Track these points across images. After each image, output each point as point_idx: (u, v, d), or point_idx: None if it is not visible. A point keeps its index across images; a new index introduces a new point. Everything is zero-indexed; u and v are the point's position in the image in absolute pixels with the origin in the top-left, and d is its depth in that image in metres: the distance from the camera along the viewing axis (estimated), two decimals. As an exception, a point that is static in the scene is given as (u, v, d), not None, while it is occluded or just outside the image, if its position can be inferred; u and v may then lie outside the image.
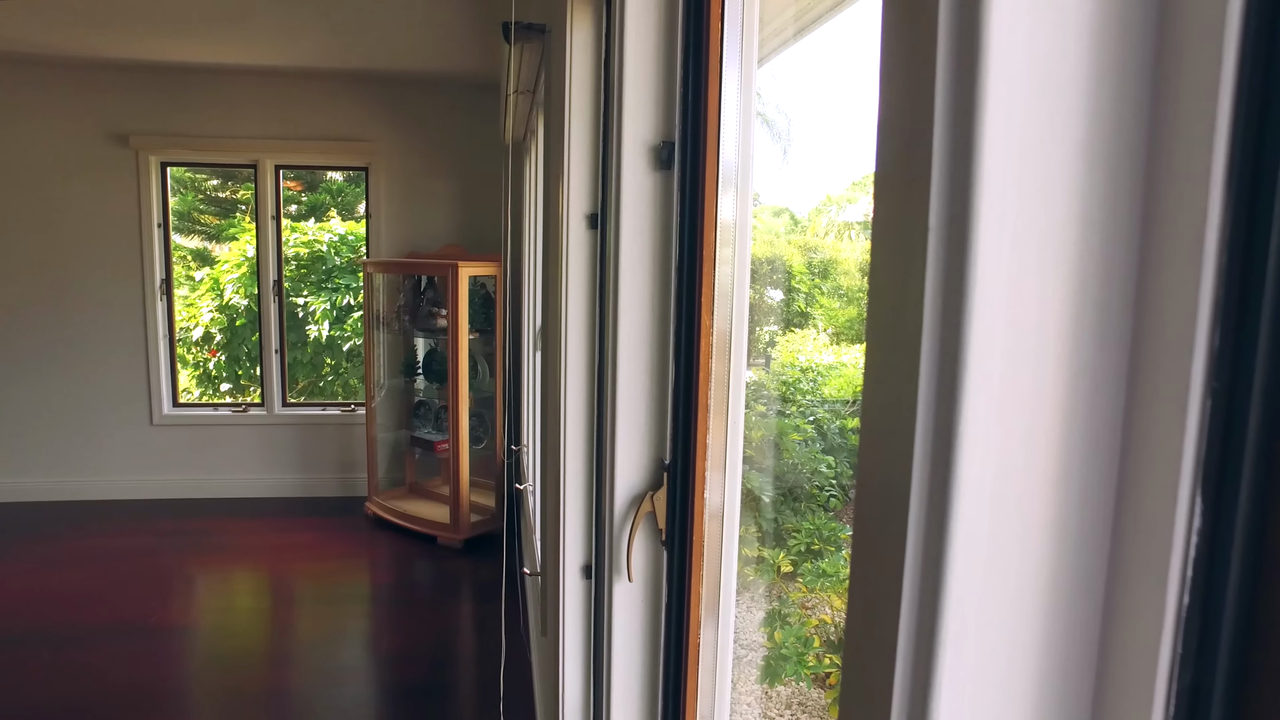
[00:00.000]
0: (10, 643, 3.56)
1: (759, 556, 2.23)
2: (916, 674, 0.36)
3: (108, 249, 5.28)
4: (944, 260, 0.34)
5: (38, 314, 5.28)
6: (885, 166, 0.40)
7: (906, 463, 0.36)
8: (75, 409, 5.38)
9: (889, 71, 0.39)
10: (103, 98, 5.14)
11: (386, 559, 4.63)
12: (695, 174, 1.09)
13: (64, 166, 5.18)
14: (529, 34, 2.20)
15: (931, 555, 0.35)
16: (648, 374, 1.21)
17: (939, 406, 0.35)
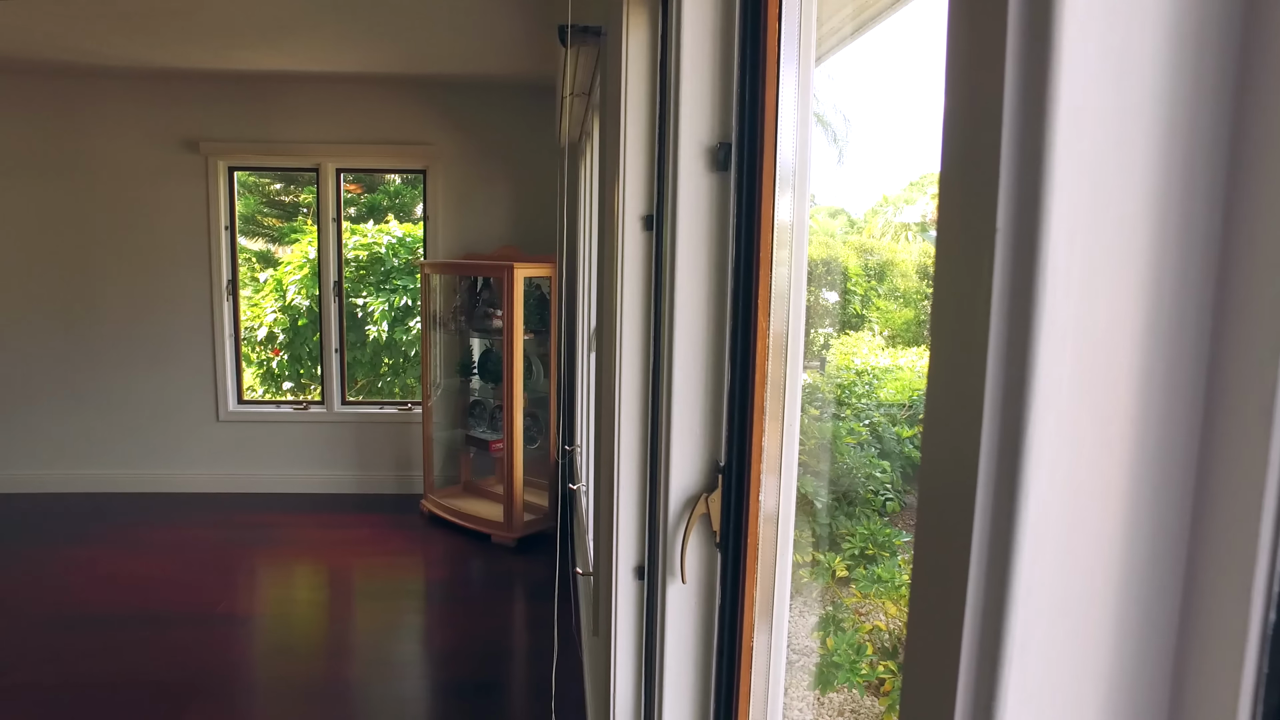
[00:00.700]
0: (98, 622, 3.74)
1: (812, 560, 2.21)
2: (980, 688, 0.35)
3: (179, 251, 5.47)
4: (1011, 262, 0.33)
5: (118, 312, 5.50)
6: (950, 166, 0.39)
7: (971, 471, 0.35)
8: (150, 404, 5.59)
9: (955, 68, 0.38)
10: (176, 106, 5.33)
11: (441, 556, 4.70)
12: (752, 175, 1.08)
13: (141, 172, 5.39)
14: (585, 37, 2.21)
15: (997, 567, 0.34)
16: (703, 376, 1.20)
17: (1005, 414, 0.34)
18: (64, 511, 5.28)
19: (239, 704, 3.23)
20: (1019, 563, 0.33)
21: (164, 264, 5.48)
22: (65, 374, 5.55)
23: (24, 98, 5.31)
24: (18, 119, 5.34)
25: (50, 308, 5.50)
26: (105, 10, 3.75)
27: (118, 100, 5.32)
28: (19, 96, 5.31)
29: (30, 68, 5.02)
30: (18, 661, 3.42)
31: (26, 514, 5.23)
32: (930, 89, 0.41)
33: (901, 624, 1.97)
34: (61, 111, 5.34)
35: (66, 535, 4.88)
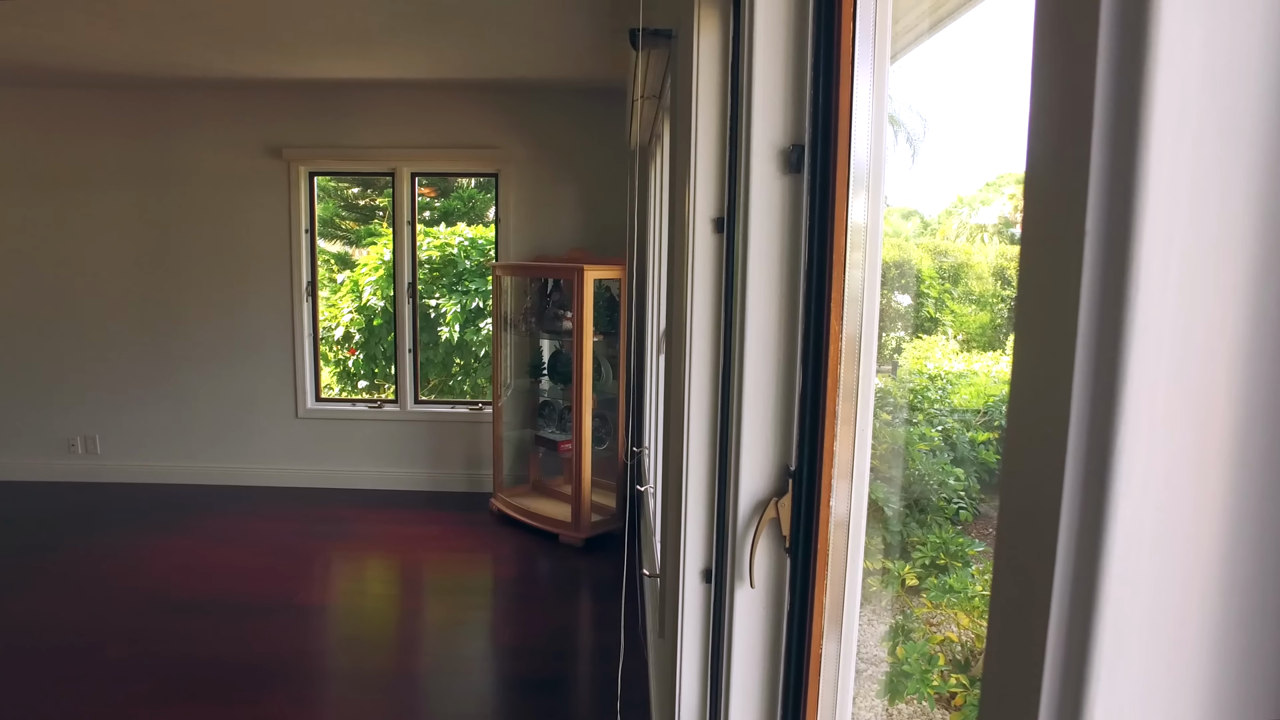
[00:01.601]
0: (183, 607, 3.91)
1: (883, 568, 2.16)
2: (1064, 708, 0.34)
3: (262, 253, 5.68)
4: (1102, 267, 0.32)
5: (205, 312, 5.75)
6: (1037, 167, 0.38)
7: (1057, 482, 0.34)
8: (233, 401, 5.81)
9: (1042, 62, 0.37)
10: (261, 115, 5.54)
11: (509, 554, 4.76)
12: (825, 177, 1.07)
13: (228, 179, 5.62)
14: (655, 40, 2.22)
15: (1083, 582, 0.33)
16: (774, 379, 1.19)
17: (1094, 422, 0.33)
18: (154, 501, 5.53)
19: (314, 691, 3.33)
20: (1108, 577, 0.32)
21: (248, 266, 5.70)
22: (157, 371, 5.82)
23: (120, 111, 5.60)
24: (115, 132, 5.62)
25: (144, 309, 5.78)
26: (196, 26, 3.91)
27: (207, 111, 5.56)
28: (116, 110, 5.59)
29: (126, 83, 5.28)
30: (111, 640, 3.60)
31: (120, 502, 5.50)
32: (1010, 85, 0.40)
33: (975, 636, 1.92)
34: (155, 123, 5.60)
35: (156, 524, 5.11)
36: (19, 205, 5.72)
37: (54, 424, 5.90)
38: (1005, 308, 2.12)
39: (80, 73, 5.02)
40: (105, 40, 4.20)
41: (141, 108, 5.57)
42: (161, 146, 5.62)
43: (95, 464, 5.92)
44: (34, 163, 5.68)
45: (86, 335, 5.82)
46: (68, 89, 5.52)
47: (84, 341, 5.82)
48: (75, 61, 4.71)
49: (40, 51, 4.47)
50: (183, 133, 5.60)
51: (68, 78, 5.18)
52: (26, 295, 5.81)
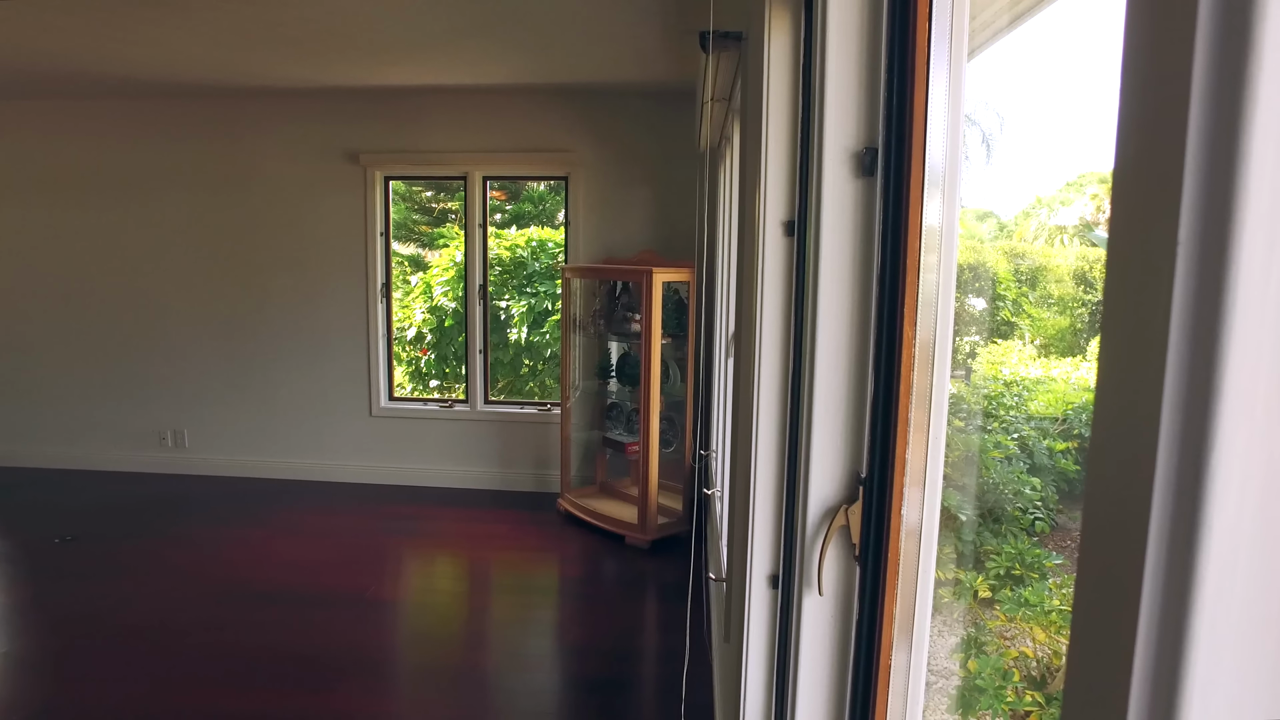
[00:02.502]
0: (258, 598, 4.06)
1: (955, 579, 2.11)
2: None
3: (338, 256, 5.86)
4: (1195, 279, 0.31)
5: (287, 312, 5.96)
6: (1125, 171, 0.37)
7: (1145, 496, 0.33)
8: (309, 399, 6.01)
9: (1133, 61, 0.36)
10: (338, 121, 5.72)
11: (576, 554, 4.80)
12: (899, 179, 1.05)
13: (306, 184, 5.81)
14: (725, 42, 2.21)
15: (1174, 600, 0.32)
16: (845, 384, 1.18)
17: (1186, 434, 0.32)
18: (235, 494, 5.76)
19: (384, 682, 3.42)
20: (1202, 591, 0.31)
21: (325, 268, 5.89)
22: (239, 369, 6.06)
23: (204, 119, 5.84)
24: (199, 138, 5.87)
25: (227, 310, 6.02)
26: (276, 36, 4.06)
27: (286, 118, 5.76)
28: (200, 118, 5.84)
29: (209, 91, 5.51)
30: (190, 627, 3.76)
31: (204, 494, 5.74)
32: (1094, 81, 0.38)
33: (1051, 653, 1.85)
34: (235, 130, 5.84)
35: (236, 516, 5.32)
36: (114, 211, 6.03)
37: (146, 418, 6.20)
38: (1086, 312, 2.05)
39: (167, 83, 5.26)
40: (191, 52, 4.39)
41: (224, 115, 5.81)
42: (244, 152, 5.85)
43: (182, 457, 6.20)
44: (126, 169, 5.98)
45: (176, 335, 6.09)
46: (155, 99, 5.79)
47: (173, 341, 6.10)
48: (163, 73, 4.93)
49: (130, 65, 4.70)
50: (264, 139, 5.82)
51: (155, 88, 5.43)
52: (123, 297, 6.12)
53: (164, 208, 5.98)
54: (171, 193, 5.95)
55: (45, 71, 4.95)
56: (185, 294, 6.05)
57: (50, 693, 3.22)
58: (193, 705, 3.12)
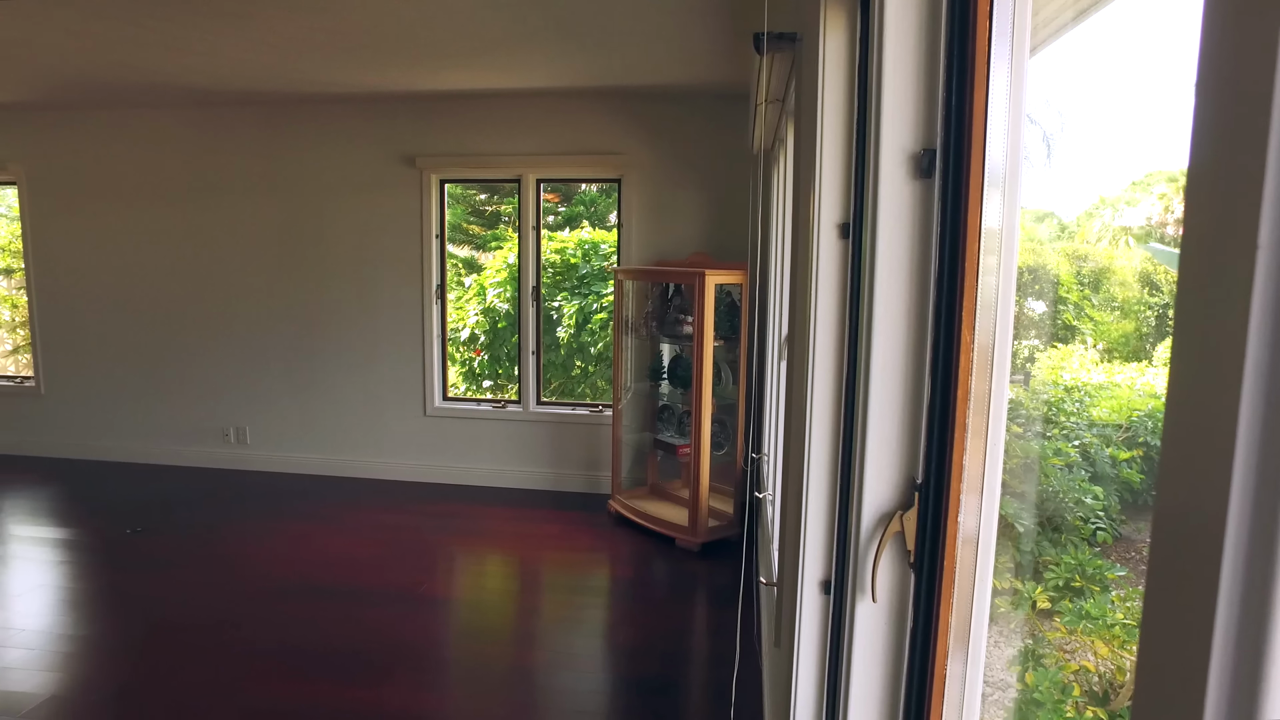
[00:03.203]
0: (313, 592, 4.16)
1: (1012, 588, 2.06)
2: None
3: (395, 258, 5.97)
4: (1277, 283, 0.30)
5: (345, 313, 6.09)
6: (1201, 170, 0.35)
7: (1220, 508, 0.32)
8: (368, 398, 6.14)
9: (1212, 55, 0.34)
10: (396, 125, 5.83)
11: (626, 555, 4.81)
12: (958, 180, 1.03)
13: (367, 185, 5.94)
14: (779, 43, 2.20)
15: (1252, 618, 0.31)
16: (901, 388, 1.16)
17: (1266, 446, 0.30)
18: (294, 490, 5.90)
19: (435, 677, 3.47)
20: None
21: (383, 271, 6.01)
22: (299, 369, 6.21)
23: (267, 125, 6.01)
24: (264, 144, 6.05)
25: (289, 310, 6.18)
26: (339, 44, 4.15)
27: (346, 123, 5.90)
28: (263, 124, 6.01)
29: (271, 98, 5.66)
30: (246, 620, 3.87)
31: (264, 490, 5.89)
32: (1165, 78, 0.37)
33: (1115, 668, 1.80)
34: (298, 135, 5.99)
35: (294, 511, 5.45)
36: (186, 215, 6.24)
37: (211, 415, 6.40)
38: (1152, 315, 1.99)
39: (234, 92, 5.43)
40: (258, 61, 4.52)
41: (288, 121, 5.97)
42: (307, 157, 6.00)
43: (244, 453, 6.38)
44: (197, 175, 6.19)
45: (240, 335, 6.28)
46: (223, 106, 5.98)
47: (238, 340, 6.28)
48: (231, 81, 5.09)
49: (199, 74, 4.86)
50: (325, 144, 5.96)
51: (224, 96, 5.60)
52: (193, 298, 6.33)
53: (232, 211, 6.17)
54: (239, 197, 6.14)
55: (122, 83, 5.14)
56: (250, 295, 6.23)
57: (122, 675, 3.34)
58: (251, 693, 3.21)
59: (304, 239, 6.10)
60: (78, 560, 4.65)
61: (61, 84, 5.27)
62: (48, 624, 3.86)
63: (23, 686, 3.25)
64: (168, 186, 6.25)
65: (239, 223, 6.18)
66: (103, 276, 6.47)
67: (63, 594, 4.22)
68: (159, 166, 6.25)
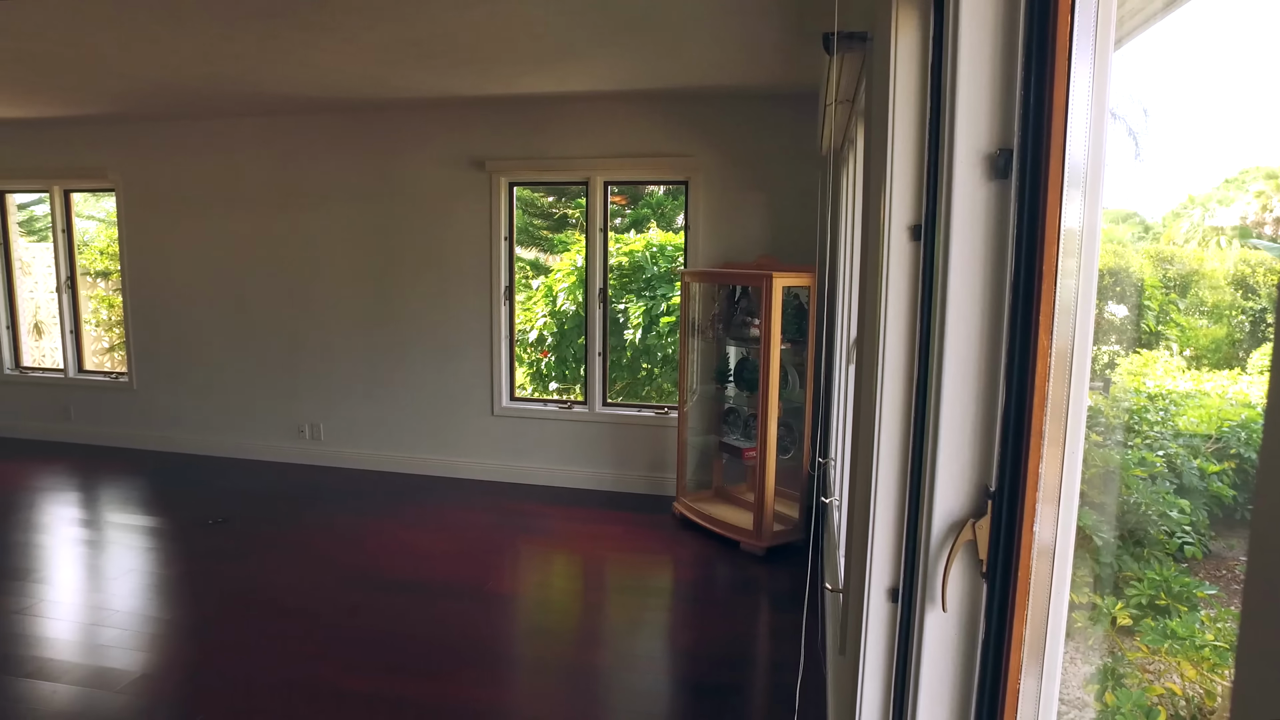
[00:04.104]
0: (387, 586, 4.27)
1: (1090, 603, 1.99)
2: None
3: (465, 260, 6.09)
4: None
5: (416, 314, 6.24)
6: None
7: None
8: (437, 397, 6.27)
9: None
10: (467, 129, 5.94)
11: (690, 558, 4.81)
12: (1035, 181, 1.00)
13: (438, 189, 6.07)
14: (850, 43, 2.17)
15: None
16: (974, 394, 1.13)
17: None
18: (365, 486, 6.07)
19: (500, 672, 3.52)
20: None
21: (453, 272, 6.13)
22: (372, 367, 6.38)
23: (344, 131, 6.20)
24: (342, 150, 6.23)
25: (361, 310, 6.36)
26: (416, 52, 4.26)
27: (419, 127, 6.04)
28: (340, 130, 6.20)
29: (352, 106, 5.83)
30: (320, 609, 4.00)
31: (336, 485, 6.07)
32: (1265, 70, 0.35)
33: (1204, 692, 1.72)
34: (377, 141, 6.16)
35: (365, 507, 5.60)
36: (267, 219, 6.49)
37: (289, 411, 6.63)
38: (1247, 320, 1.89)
39: (316, 100, 5.61)
40: (340, 70, 4.66)
41: (368, 128, 6.14)
42: (385, 162, 6.17)
43: (319, 449, 6.58)
44: (279, 180, 6.42)
45: (318, 334, 6.48)
46: (305, 114, 6.18)
47: (316, 339, 6.49)
48: (313, 91, 5.26)
49: (286, 84, 5.03)
50: (402, 149, 6.11)
51: (306, 104, 5.79)
52: (272, 299, 6.57)
53: (311, 215, 6.38)
54: (318, 201, 6.35)
55: (212, 93, 5.37)
56: (325, 296, 6.43)
57: (205, 658, 3.49)
58: (324, 680, 3.31)
59: (378, 242, 6.27)
60: (164, 547, 4.87)
61: (157, 95, 5.53)
62: (138, 606, 4.05)
63: (117, 664, 3.43)
64: (252, 191, 6.50)
65: (317, 226, 6.38)
66: (190, 278, 6.77)
67: (151, 579, 4.42)
68: (244, 172, 6.51)
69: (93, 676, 3.34)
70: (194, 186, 6.64)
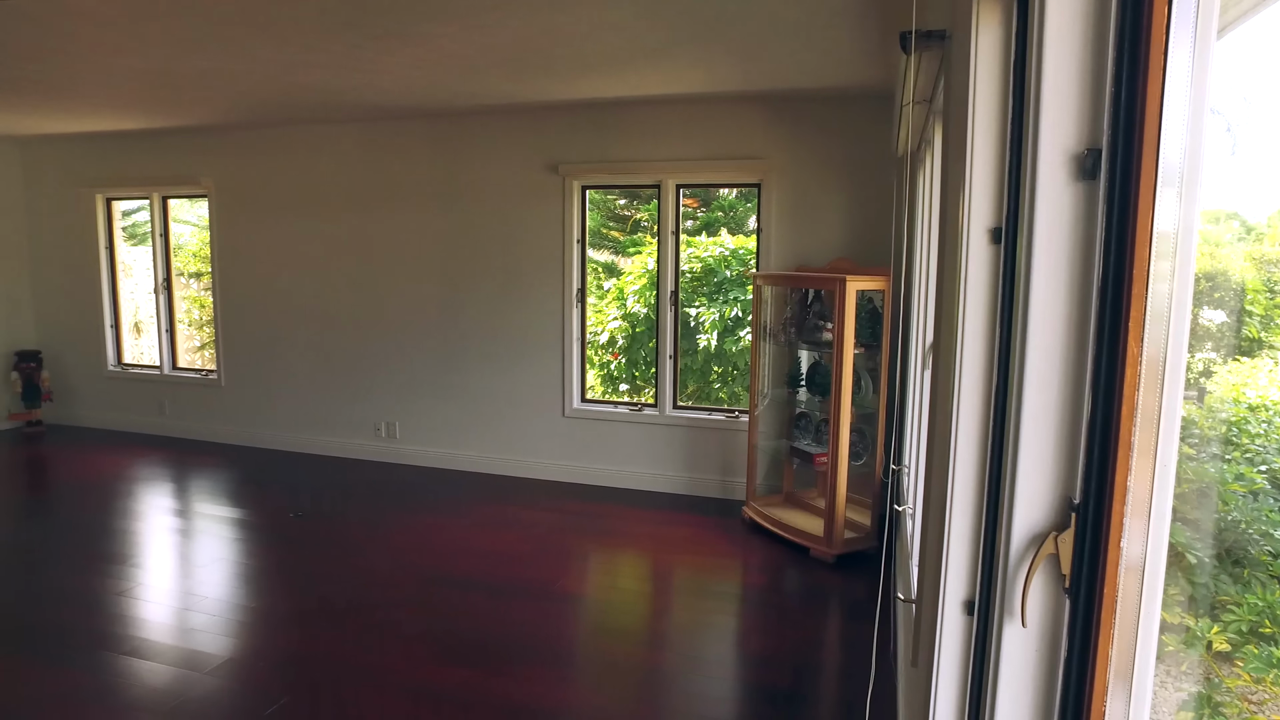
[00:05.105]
0: (456, 583, 4.35)
1: (1183, 625, 1.89)
2: None
3: (538, 262, 6.17)
4: None
5: (490, 315, 6.35)
6: None
7: None
8: (509, 397, 6.37)
9: None
10: (540, 133, 6.03)
11: (759, 563, 4.77)
12: (1126, 182, 0.96)
13: (515, 192, 6.17)
14: (928, 41, 2.12)
15: None
16: (1057, 402, 1.09)
17: None
18: (438, 484, 6.20)
19: (567, 671, 3.55)
20: None
21: (526, 275, 6.22)
22: (446, 367, 6.52)
23: (421, 136, 6.36)
24: (421, 155, 6.39)
25: (435, 311, 6.51)
26: (491, 59, 4.33)
27: (495, 132, 6.15)
28: (417, 136, 6.36)
29: (426, 111, 5.98)
30: (398, 603, 4.10)
31: (410, 482, 6.22)
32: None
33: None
34: (452, 146, 6.30)
35: (436, 504, 5.73)
36: (349, 223, 6.70)
37: (365, 410, 6.82)
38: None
39: (397, 107, 5.76)
40: (419, 78, 4.78)
41: (444, 133, 6.29)
42: (460, 167, 6.30)
43: (393, 447, 6.75)
44: (361, 186, 6.62)
45: (394, 334, 6.66)
46: (385, 121, 6.36)
47: (392, 339, 6.67)
48: (394, 98, 5.41)
49: (369, 92, 5.18)
50: (477, 154, 6.23)
51: (386, 111, 5.96)
52: (353, 301, 6.78)
53: (391, 220, 6.56)
54: (397, 206, 6.52)
55: (298, 102, 5.57)
56: (405, 296, 6.61)
57: (287, 646, 3.61)
58: (399, 673, 3.39)
59: (453, 245, 6.40)
60: (249, 538, 5.07)
61: (248, 105, 5.76)
62: (225, 594, 4.22)
63: (206, 648, 3.59)
64: (333, 196, 6.72)
65: (394, 229, 6.56)
66: (276, 280, 7.04)
67: (237, 568, 4.61)
68: (325, 177, 6.73)
69: (184, 658, 3.50)
70: (279, 191, 6.91)
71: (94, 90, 5.24)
